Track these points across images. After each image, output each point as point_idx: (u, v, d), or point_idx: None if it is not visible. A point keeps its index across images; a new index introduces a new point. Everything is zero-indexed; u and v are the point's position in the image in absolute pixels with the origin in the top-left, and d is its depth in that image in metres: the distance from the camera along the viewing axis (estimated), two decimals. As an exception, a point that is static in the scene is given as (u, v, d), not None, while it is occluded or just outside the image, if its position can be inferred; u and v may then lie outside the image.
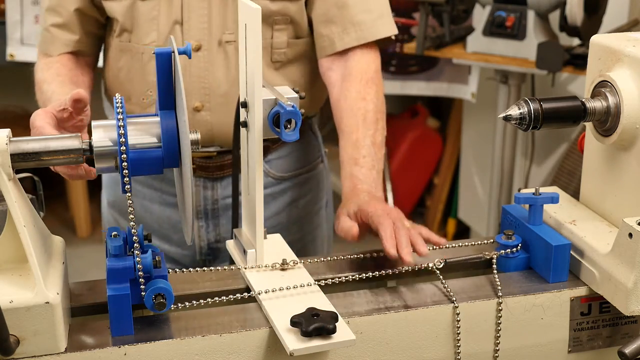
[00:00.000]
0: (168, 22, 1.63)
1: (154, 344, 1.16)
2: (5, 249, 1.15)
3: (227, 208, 1.77)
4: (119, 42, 1.69)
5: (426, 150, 4.20)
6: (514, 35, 2.84)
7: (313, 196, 1.89)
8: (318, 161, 1.90)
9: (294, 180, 1.83)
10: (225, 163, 1.73)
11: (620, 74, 1.26)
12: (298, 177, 1.84)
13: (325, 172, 1.95)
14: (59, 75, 1.63)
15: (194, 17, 1.63)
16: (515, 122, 1.25)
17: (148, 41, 1.65)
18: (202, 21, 1.64)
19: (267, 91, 1.26)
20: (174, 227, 1.79)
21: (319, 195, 1.91)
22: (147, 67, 1.67)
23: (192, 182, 1.15)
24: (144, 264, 1.16)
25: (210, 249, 1.81)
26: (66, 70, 1.66)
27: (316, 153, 1.90)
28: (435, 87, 3.57)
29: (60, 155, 1.16)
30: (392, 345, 1.24)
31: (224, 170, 1.75)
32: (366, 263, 1.40)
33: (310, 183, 1.88)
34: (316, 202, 1.90)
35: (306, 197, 1.87)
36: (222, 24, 1.64)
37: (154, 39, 1.65)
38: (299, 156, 1.83)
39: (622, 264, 1.21)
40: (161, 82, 1.23)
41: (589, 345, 1.33)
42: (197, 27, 1.64)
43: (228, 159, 1.73)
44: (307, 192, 1.87)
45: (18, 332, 1.10)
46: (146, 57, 1.66)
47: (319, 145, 1.91)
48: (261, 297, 1.25)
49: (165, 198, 1.77)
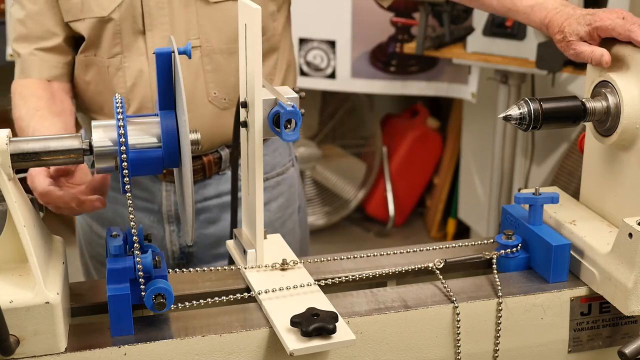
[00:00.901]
0: (131, 33, 1.63)
1: (154, 344, 1.16)
2: (5, 249, 1.15)
3: (198, 212, 1.76)
4: (84, 58, 1.67)
5: (426, 150, 4.20)
6: (514, 35, 2.84)
7: (285, 200, 1.87)
8: (289, 165, 1.89)
9: (265, 183, 1.79)
10: (196, 169, 1.73)
11: (620, 74, 1.26)
12: (269, 180, 1.82)
13: (296, 175, 1.94)
14: (37, 110, 1.58)
15: (156, 25, 1.62)
16: (515, 122, 1.25)
17: (112, 54, 1.64)
18: (164, 29, 1.63)
19: (267, 91, 1.26)
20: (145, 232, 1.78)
21: (291, 199, 1.90)
22: (114, 81, 1.66)
23: (192, 182, 1.15)
24: (144, 264, 1.16)
25: (183, 253, 1.80)
26: (43, 102, 1.61)
27: (287, 157, 1.88)
28: (435, 87, 3.57)
29: (60, 155, 1.16)
30: (392, 345, 1.24)
31: (195, 176, 1.73)
32: (366, 263, 1.40)
33: (282, 187, 1.86)
34: (288, 206, 1.88)
35: (277, 200, 1.85)
36: (185, 30, 1.63)
37: (118, 51, 1.64)
38: (269, 160, 1.81)
39: (622, 264, 1.21)
40: (161, 82, 1.23)
41: (589, 345, 1.33)
42: (160, 36, 1.63)
43: (198, 164, 1.72)
44: (278, 195, 1.85)
45: (18, 332, 1.10)
46: (112, 71, 1.65)
47: (289, 149, 1.90)
48: (261, 297, 1.25)
49: (137, 203, 1.77)
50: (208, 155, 1.73)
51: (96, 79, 1.68)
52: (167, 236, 1.78)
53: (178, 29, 1.63)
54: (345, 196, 4.21)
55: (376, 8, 3.48)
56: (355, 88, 3.65)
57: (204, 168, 1.73)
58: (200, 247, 1.79)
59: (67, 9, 1.63)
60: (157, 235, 1.78)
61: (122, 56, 1.64)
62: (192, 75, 1.65)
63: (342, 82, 3.59)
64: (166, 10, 1.62)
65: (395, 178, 4.21)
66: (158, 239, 1.78)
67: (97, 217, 1.81)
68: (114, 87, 1.66)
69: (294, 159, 1.93)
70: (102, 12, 1.61)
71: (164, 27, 1.63)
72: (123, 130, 1.14)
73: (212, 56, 1.65)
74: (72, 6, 1.63)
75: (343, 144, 4.14)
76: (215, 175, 1.76)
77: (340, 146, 4.13)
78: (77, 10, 1.63)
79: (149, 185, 1.75)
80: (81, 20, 1.63)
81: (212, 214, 1.78)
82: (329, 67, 3.57)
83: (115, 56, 1.65)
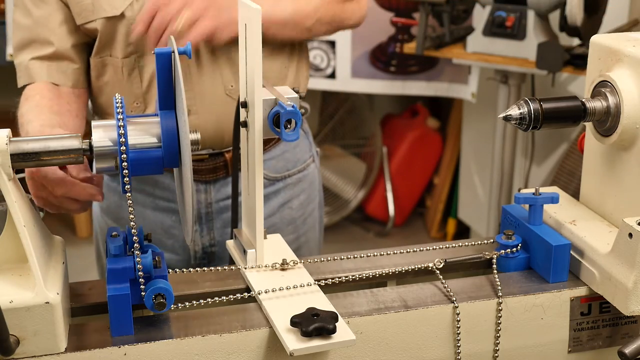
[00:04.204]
0: None
1: (154, 344, 1.16)
2: (5, 249, 1.15)
3: (221, 211, 1.76)
4: (100, 59, 1.66)
5: (426, 150, 4.20)
6: (514, 35, 2.84)
7: (306, 197, 1.87)
8: (310, 161, 1.88)
9: (287, 180, 1.82)
10: (218, 165, 1.72)
11: (621, 74, 1.26)
12: (291, 177, 1.82)
13: (317, 171, 1.93)
14: (37, 106, 1.57)
15: None
16: (515, 122, 1.25)
17: (127, 54, 1.64)
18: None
19: (267, 91, 1.26)
20: (166, 232, 1.77)
21: (312, 195, 1.90)
22: (129, 80, 1.65)
23: (192, 182, 1.15)
24: (144, 264, 1.16)
25: (205, 253, 1.79)
26: (46, 100, 1.59)
27: (307, 152, 1.88)
28: (435, 87, 3.57)
29: (60, 155, 1.16)
30: (392, 345, 1.24)
31: (217, 173, 1.73)
32: (366, 263, 1.40)
33: (303, 183, 1.86)
34: (309, 202, 1.88)
35: (299, 197, 1.85)
36: None
37: (132, 50, 1.63)
38: (290, 156, 1.81)
39: (622, 264, 1.21)
40: (161, 82, 1.23)
41: (589, 345, 1.33)
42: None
43: (220, 161, 1.72)
44: (300, 192, 1.85)
45: (18, 332, 1.10)
46: (127, 71, 1.64)
47: (309, 145, 1.89)
48: (261, 297, 1.25)
49: (158, 203, 1.76)
50: (230, 152, 1.71)
51: (112, 80, 1.66)
52: None
53: None
54: (345, 196, 4.21)
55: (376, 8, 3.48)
56: (355, 88, 3.66)
57: (226, 165, 1.72)
58: (222, 247, 1.78)
59: (79, 12, 1.62)
60: (179, 235, 1.76)
61: (136, 55, 1.63)
62: (209, 69, 1.64)
63: (342, 82, 3.60)
64: None
65: (395, 178, 4.21)
66: (180, 240, 1.76)
67: (117, 218, 1.80)
68: (131, 88, 1.65)
69: (314, 153, 1.91)
70: (115, 11, 1.60)
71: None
72: (123, 130, 1.14)
73: (226, 48, 1.64)
74: (83, 8, 1.61)
75: (343, 144, 4.15)
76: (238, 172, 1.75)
77: (340, 146, 4.14)
78: (89, 11, 1.61)
79: (170, 185, 1.74)
80: (93, 21, 1.62)
81: None
82: (329, 67, 3.57)
83: (129, 56, 1.63)
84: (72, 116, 1.61)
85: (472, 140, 3.86)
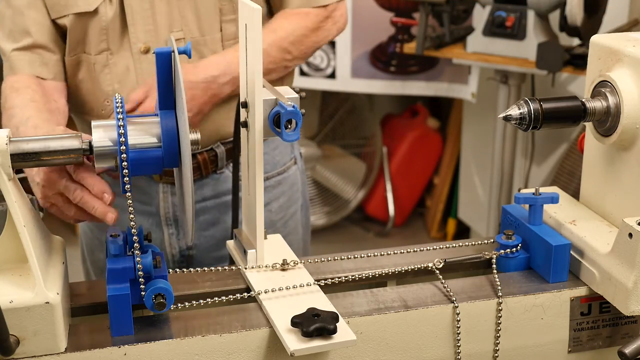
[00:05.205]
0: (117, 28, 1.62)
1: (154, 344, 1.16)
2: (5, 249, 1.15)
3: (197, 214, 1.73)
4: (74, 56, 1.65)
5: (426, 150, 4.21)
6: (514, 35, 2.84)
7: (286, 199, 1.84)
8: (290, 163, 1.85)
9: (265, 183, 1.75)
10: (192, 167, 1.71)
11: (620, 74, 1.26)
12: (269, 179, 1.79)
13: (299, 173, 1.90)
14: (33, 101, 1.55)
15: (138, 19, 1.61)
16: (515, 122, 1.25)
17: (99, 51, 1.63)
18: (147, 22, 1.61)
19: (268, 91, 1.26)
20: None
21: (293, 197, 1.86)
22: (100, 77, 1.64)
23: (192, 182, 1.15)
24: (144, 264, 1.16)
25: (183, 256, 1.77)
26: (39, 96, 1.58)
27: (288, 155, 1.85)
28: (435, 87, 3.58)
29: (60, 155, 1.16)
30: (392, 345, 1.24)
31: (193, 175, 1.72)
32: (366, 263, 1.40)
33: (283, 186, 1.83)
34: (290, 205, 1.85)
35: (279, 200, 1.82)
36: (168, 23, 1.62)
37: (105, 47, 1.63)
38: (269, 158, 1.78)
39: (622, 264, 1.21)
40: (161, 82, 1.23)
41: (589, 345, 1.33)
42: (143, 30, 1.61)
43: (193, 163, 1.69)
44: (280, 195, 1.82)
45: (18, 332, 1.10)
46: (99, 68, 1.64)
47: (291, 147, 1.86)
48: (261, 297, 1.25)
49: (135, 206, 1.74)
50: (203, 153, 1.69)
51: (86, 78, 1.66)
52: (165, 239, 1.75)
53: (160, 23, 1.62)
54: (345, 196, 4.21)
55: (376, 8, 3.48)
56: (355, 88, 3.66)
57: (199, 167, 1.70)
58: (200, 250, 1.77)
59: (51, 6, 1.61)
60: (156, 238, 1.75)
61: (108, 53, 1.63)
62: None
63: (342, 82, 3.60)
64: (147, 4, 1.61)
65: (395, 178, 4.21)
66: (157, 243, 1.75)
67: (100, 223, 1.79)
68: (102, 86, 1.64)
69: (297, 156, 1.89)
70: (88, 7, 1.59)
71: (146, 21, 1.61)
72: (123, 130, 1.14)
73: (197, 48, 1.64)
74: (56, 2, 1.61)
75: (343, 144, 4.15)
76: (213, 174, 1.73)
77: (340, 146, 4.13)
78: (61, 6, 1.61)
79: (146, 188, 1.72)
80: (66, 16, 1.61)
81: (211, 215, 1.75)
82: (329, 67, 3.57)
83: (101, 53, 1.63)
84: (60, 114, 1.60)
85: (472, 140, 3.86)
